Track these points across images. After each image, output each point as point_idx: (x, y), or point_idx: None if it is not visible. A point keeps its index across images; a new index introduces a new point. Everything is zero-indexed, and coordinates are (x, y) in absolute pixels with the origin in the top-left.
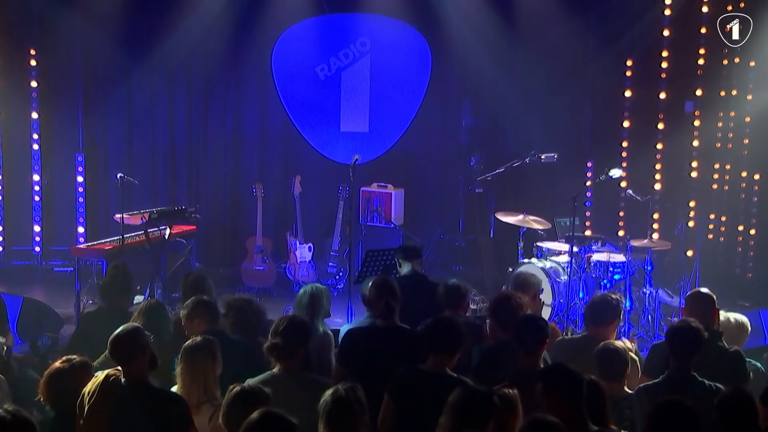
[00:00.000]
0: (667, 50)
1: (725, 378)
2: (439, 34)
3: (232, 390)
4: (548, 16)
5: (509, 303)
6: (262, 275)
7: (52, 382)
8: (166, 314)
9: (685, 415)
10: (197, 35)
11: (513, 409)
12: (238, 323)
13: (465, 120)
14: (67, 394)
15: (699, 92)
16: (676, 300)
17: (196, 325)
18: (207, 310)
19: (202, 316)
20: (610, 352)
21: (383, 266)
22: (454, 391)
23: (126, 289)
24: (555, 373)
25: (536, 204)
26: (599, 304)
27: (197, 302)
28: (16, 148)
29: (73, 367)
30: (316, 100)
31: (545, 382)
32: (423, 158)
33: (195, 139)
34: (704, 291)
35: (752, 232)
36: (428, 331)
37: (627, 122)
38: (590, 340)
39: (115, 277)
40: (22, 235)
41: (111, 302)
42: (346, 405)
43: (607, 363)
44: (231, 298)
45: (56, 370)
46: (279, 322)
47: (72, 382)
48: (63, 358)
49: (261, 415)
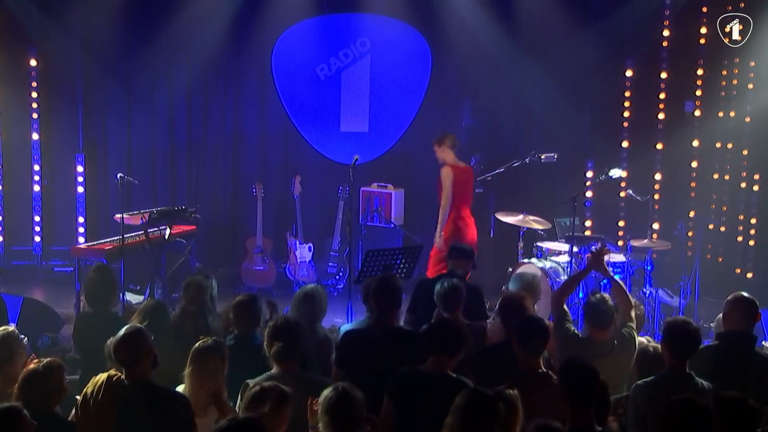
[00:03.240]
0: (667, 50)
1: (759, 384)
2: (439, 34)
3: (252, 389)
4: (548, 16)
5: (517, 304)
6: (262, 275)
7: (26, 384)
8: (167, 314)
9: (699, 415)
10: (197, 35)
11: (514, 410)
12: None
13: (465, 120)
14: (42, 396)
15: (699, 92)
16: (676, 300)
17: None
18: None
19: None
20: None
21: (383, 266)
22: (462, 392)
23: (112, 291)
24: (576, 371)
25: (536, 204)
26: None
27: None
28: (16, 148)
29: (47, 368)
30: (316, 100)
31: (565, 378)
32: (423, 158)
33: (195, 139)
34: (746, 295)
35: (752, 232)
36: (430, 331)
37: (627, 122)
38: (589, 340)
39: (100, 280)
40: (22, 235)
41: (98, 305)
42: (350, 399)
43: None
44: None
45: (30, 372)
46: (275, 323)
47: (46, 384)
48: (35, 360)
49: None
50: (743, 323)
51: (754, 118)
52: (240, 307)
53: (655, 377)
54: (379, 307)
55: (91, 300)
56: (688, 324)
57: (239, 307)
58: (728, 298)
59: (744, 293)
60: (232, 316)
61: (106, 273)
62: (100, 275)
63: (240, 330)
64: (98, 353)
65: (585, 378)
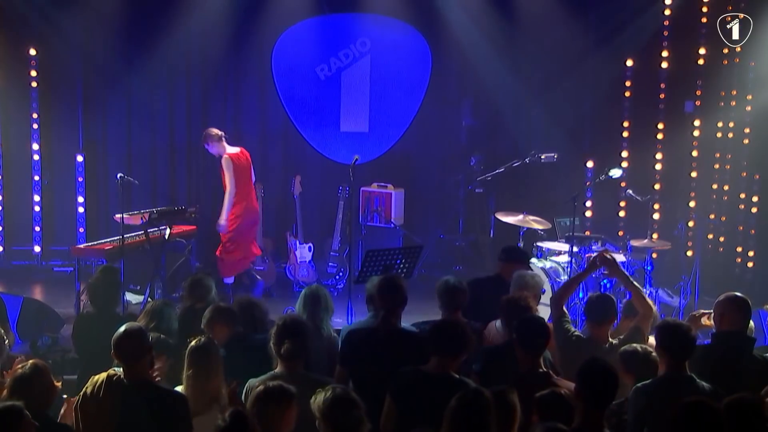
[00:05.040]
0: (667, 50)
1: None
2: (439, 34)
3: (257, 388)
4: (548, 16)
5: (519, 305)
6: (262, 275)
7: (15, 388)
8: (173, 314)
9: (711, 417)
10: (197, 35)
11: (512, 410)
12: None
13: (465, 120)
14: (32, 398)
15: (699, 92)
16: (676, 300)
17: (217, 331)
18: (226, 316)
19: (222, 323)
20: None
21: (383, 266)
22: (454, 396)
23: (117, 293)
24: (597, 374)
25: (536, 204)
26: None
27: (215, 309)
28: (16, 148)
29: (33, 371)
30: (316, 100)
31: (584, 380)
32: (423, 158)
33: (195, 139)
34: (739, 294)
35: (752, 232)
36: (434, 332)
37: (627, 122)
38: (592, 340)
39: (106, 281)
40: (22, 235)
41: (103, 307)
42: (348, 401)
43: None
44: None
45: (18, 376)
46: (281, 322)
47: (35, 386)
48: (21, 363)
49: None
50: (738, 323)
51: (754, 119)
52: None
53: (656, 380)
54: (384, 307)
55: (96, 301)
56: (681, 326)
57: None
58: (720, 299)
59: (737, 293)
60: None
61: (112, 275)
62: (106, 276)
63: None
64: (100, 354)
65: (606, 382)
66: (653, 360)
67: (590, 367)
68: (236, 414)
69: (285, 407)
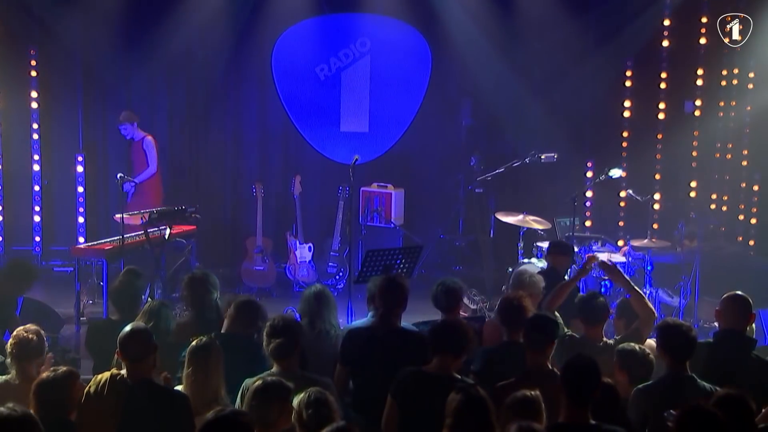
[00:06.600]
0: (667, 50)
1: (762, 389)
2: (439, 34)
3: (254, 384)
4: (548, 16)
5: (517, 304)
6: (262, 275)
7: (40, 392)
8: (170, 314)
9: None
10: (197, 35)
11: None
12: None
13: (465, 120)
14: (55, 403)
15: (699, 92)
16: (676, 300)
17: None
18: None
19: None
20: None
21: (383, 266)
22: (452, 395)
23: (140, 297)
24: (577, 369)
25: (536, 204)
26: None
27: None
28: (17, 148)
29: (59, 376)
30: (316, 100)
31: (565, 375)
32: (423, 158)
33: (195, 139)
34: (741, 293)
35: (753, 221)
36: (435, 332)
37: (627, 122)
38: (585, 339)
39: (132, 284)
40: (22, 235)
41: (128, 312)
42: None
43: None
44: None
45: (44, 380)
46: (274, 322)
47: (60, 392)
48: (51, 368)
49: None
50: (738, 322)
51: (754, 118)
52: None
53: (657, 381)
54: (385, 307)
55: (121, 305)
56: (682, 326)
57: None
58: (725, 296)
59: (738, 292)
60: (233, 314)
61: (138, 277)
62: (133, 280)
63: (234, 329)
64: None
65: (585, 377)
66: (650, 361)
67: (571, 364)
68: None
69: (282, 402)
